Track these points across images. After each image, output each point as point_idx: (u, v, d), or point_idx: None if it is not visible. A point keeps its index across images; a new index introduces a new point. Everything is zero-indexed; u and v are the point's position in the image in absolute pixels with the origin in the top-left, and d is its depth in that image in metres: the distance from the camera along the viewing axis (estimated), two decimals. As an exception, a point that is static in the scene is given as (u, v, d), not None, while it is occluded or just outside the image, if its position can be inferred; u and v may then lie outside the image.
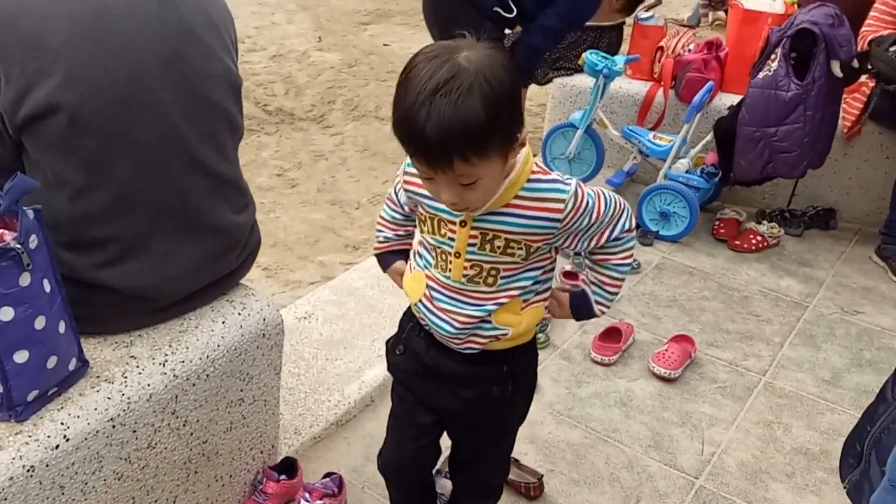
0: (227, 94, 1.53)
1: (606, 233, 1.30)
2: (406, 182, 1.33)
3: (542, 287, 1.36)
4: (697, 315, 2.77)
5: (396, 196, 1.44)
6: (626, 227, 1.32)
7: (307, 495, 1.81)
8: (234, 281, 1.71)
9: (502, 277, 1.28)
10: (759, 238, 3.19)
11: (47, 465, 1.30)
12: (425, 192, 1.27)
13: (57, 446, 1.31)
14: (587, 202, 1.25)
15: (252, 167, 3.86)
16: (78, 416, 1.35)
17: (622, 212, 1.31)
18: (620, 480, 2.03)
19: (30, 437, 1.29)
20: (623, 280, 1.38)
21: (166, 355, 1.51)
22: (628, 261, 1.35)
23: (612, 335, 2.52)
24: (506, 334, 1.33)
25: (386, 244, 1.50)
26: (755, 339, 2.67)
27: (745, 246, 3.18)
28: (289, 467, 1.90)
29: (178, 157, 1.45)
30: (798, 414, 2.32)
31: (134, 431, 1.45)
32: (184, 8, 1.43)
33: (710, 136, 3.17)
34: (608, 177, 3.38)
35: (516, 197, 1.22)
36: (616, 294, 1.39)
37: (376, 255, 1.53)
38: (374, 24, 6.17)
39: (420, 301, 1.37)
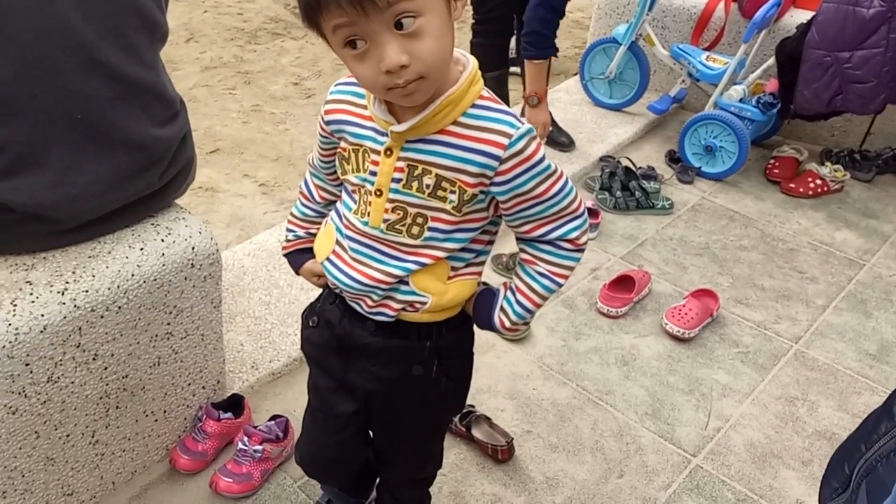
0: (136, -20, 1.29)
1: (547, 226, 1.06)
2: (328, 112, 1.08)
3: (477, 259, 1.12)
4: (730, 267, 2.45)
5: (308, 186, 1.24)
6: (573, 237, 1.06)
7: (245, 439, 1.66)
8: (163, 202, 1.51)
9: (430, 229, 1.04)
10: (818, 181, 2.79)
11: (-89, 400, 1.16)
12: (350, 117, 1.05)
13: (-77, 379, 1.17)
14: (540, 161, 1.00)
15: (269, 74, 3.64)
16: (-49, 347, 1.21)
17: (576, 216, 1.06)
18: (605, 450, 1.80)
19: None
20: (542, 300, 1.11)
21: (67, 283, 1.34)
22: (558, 280, 1.09)
23: (623, 284, 2.24)
24: (424, 303, 1.09)
25: (296, 241, 1.27)
26: (794, 299, 2.34)
27: (801, 190, 2.79)
28: (236, 404, 1.76)
29: (73, 57, 1.24)
30: (829, 391, 2.02)
31: (27, 364, 1.30)
32: None
33: (772, 60, 2.74)
34: (651, 101, 3.00)
35: (456, 123, 0.98)
36: (527, 313, 1.11)
37: (285, 255, 1.29)
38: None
39: (327, 258, 1.14)
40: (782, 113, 2.81)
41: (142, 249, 1.44)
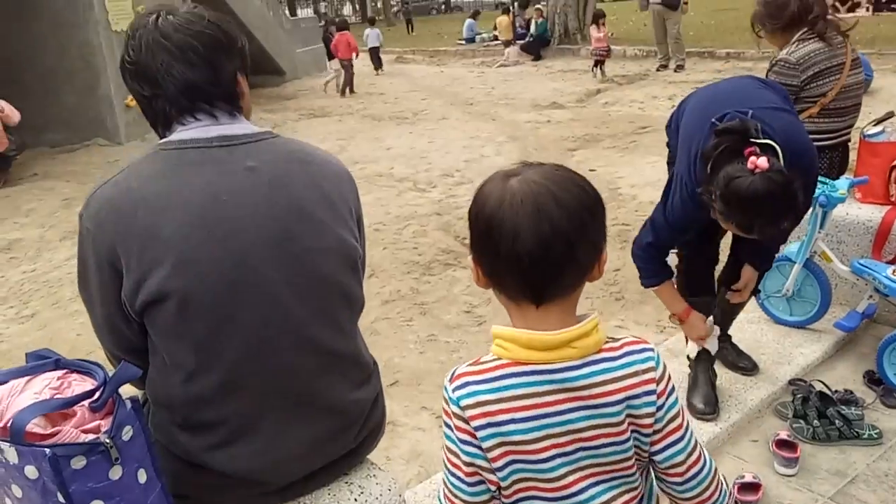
0: (341, 266, 1.47)
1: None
2: None
3: None
4: (966, 509, 2.12)
5: None
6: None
7: None
8: (357, 459, 1.60)
9: None
10: None
11: None
12: None
13: None
14: None
15: (442, 304, 3.85)
16: None
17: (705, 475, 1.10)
18: None
19: None
20: None
21: (271, 545, 1.42)
22: None
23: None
24: None
25: None
26: None
27: None
28: None
29: (287, 337, 1.40)
30: None
31: None
32: (294, 187, 1.42)
33: (973, 272, 2.54)
34: (838, 318, 2.83)
35: None
36: None
37: None
38: (583, 150, 6.10)
39: None
40: None
41: (337, 509, 1.51)
